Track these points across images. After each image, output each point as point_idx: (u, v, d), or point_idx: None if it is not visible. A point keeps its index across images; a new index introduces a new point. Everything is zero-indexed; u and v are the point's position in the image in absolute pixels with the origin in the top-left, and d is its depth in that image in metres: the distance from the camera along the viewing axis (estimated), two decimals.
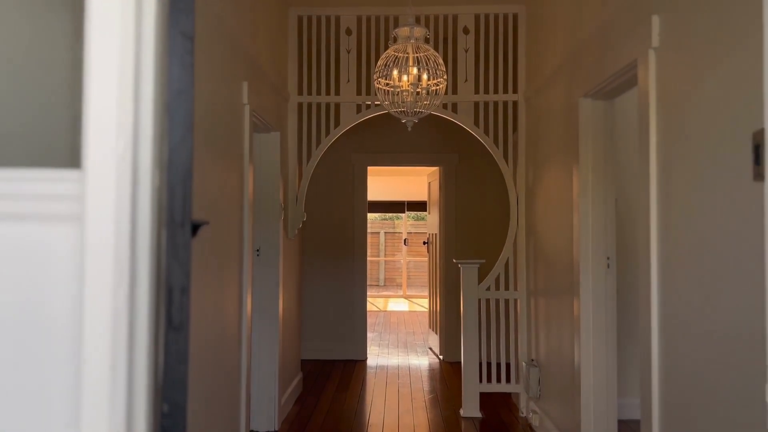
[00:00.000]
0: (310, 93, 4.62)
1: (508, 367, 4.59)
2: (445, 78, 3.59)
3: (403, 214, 14.21)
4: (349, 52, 4.58)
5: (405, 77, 3.57)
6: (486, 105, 4.54)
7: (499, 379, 4.51)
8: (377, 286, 14.99)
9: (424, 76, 3.56)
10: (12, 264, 0.80)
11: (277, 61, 4.21)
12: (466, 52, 4.54)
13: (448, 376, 5.54)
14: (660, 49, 2.18)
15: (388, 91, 3.64)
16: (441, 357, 6.27)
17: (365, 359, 6.17)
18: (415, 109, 3.62)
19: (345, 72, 4.58)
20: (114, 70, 0.74)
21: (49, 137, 0.97)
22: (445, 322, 6.17)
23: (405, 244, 14.03)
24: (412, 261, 14.52)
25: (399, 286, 14.38)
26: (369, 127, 5.58)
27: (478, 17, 4.53)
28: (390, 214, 15.41)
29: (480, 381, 4.40)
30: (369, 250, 6.94)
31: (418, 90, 3.58)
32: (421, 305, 11.31)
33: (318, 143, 4.58)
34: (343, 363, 6.00)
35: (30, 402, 0.79)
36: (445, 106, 4.47)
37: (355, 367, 5.88)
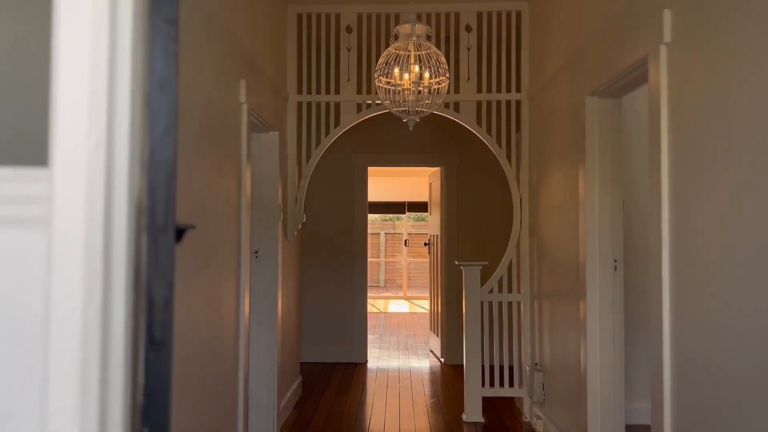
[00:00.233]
0: (309, 92, 4.54)
1: (511, 371, 4.51)
2: (447, 76, 3.50)
3: (404, 215, 14.13)
4: (349, 50, 4.49)
5: (406, 75, 3.49)
6: (489, 104, 4.46)
7: (502, 384, 4.43)
8: (377, 287, 14.90)
9: (426, 74, 3.48)
10: None
11: (275, 60, 4.13)
12: (469, 50, 4.46)
13: (449, 380, 5.45)
14: (672, 45, 2.09)
15: (389, 89, 3.56)
16: (442, 360, 6.18)
17: (365, 362, 6.08)
18: (416, 108, 3.54)
19: (345, 70, 4.50)
20: (85, 56, 0.66)
21: (21, 131, 0.89)
22: (447, 325, 6.08)
23: (405, 245, 13.95)
24: (413, 262, 14.44)
25: (399, 287, 14.29)
26: (369, 127, 5.50)
27: (480, 15, 4.44)
28: (390, 215, 15.32)
29: (482, 385, 4.32)
30: (369, 251, 6.85)
31: (420, 88, 3.49)
32: (422, 306, 11.23)
33: (318, 143, 4.50)
34: (344, 366, 5.92)
35: None
36: (446, 105, 4.38)
37: (355, 370, 5.80)
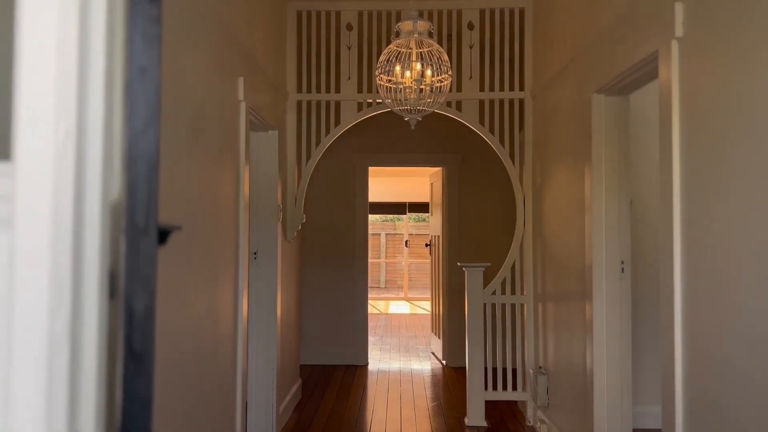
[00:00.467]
0: (309, 90, 4.46)
1: (514, 374, 4.43)
2: (449, 74, 3.43)
3: (405, 216, 14.05)
4: (350, 48, 4.42)
5: (408, 73, 3.42)
6: (491, 103, 4.39)
7: (505, 387, 4.36)
8: (378, 287, 14.83)
9: (428, 72, 3.41)
10: None
11: (275, 57, 4.06)
12: (471, 48, 4.39)
13: (451, 383, 5.38)
14: (684, 40, 2.02)
15: (390, 87, 3.48)
16: (444, 362, 6.11)
17: (366, 364, 6.01)
18: (418, 107, 3.47)
19: (346, 69, 4.42)
20: (52, 36, 0.59)
21: None
22: (448, 327, 6.01)
23: (406, 245, 13.87)
24: (414, 263, 14.36)
25: (400, 288, 14.22)
26: (370, 126, 5.43)
27: (483, 12, 4.37)
28: (391, 216, 15.24)
29: (485, 388, 4.24)
30: (369, 252, 6.77)
31: (422, 87, 3.42)
32: (423, 307, 11.17)
33: (318, 142, 4.43)
34: (344, 368, 5.84)
35: None
36: (449, 104, 4.31)
37: (355, 372, 5.72)
